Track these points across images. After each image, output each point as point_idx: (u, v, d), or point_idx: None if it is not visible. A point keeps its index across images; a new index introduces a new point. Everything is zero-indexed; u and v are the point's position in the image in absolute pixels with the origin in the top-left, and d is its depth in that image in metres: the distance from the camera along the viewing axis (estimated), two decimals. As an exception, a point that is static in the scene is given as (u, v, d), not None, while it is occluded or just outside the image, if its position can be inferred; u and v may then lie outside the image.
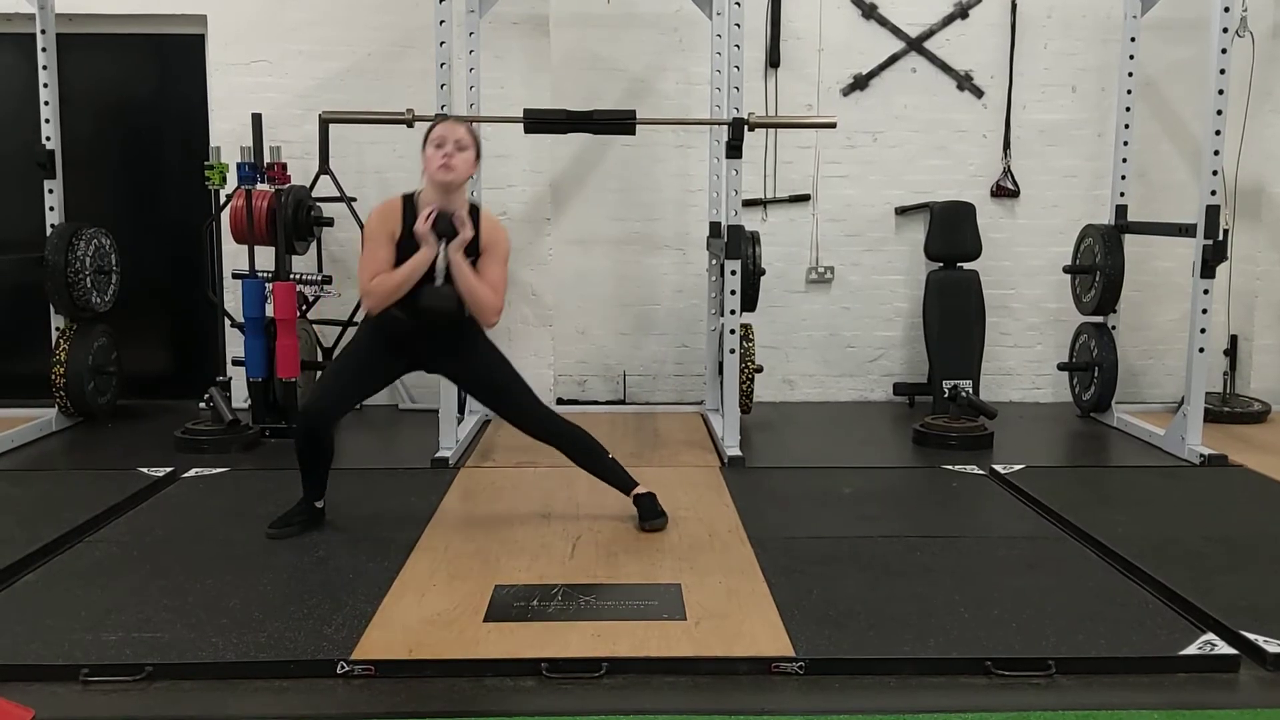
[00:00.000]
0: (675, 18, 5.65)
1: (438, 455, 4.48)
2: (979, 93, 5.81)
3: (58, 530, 3.43)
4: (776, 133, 5.78)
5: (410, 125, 4.53)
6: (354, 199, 5.31)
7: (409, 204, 3.39)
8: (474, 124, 3.38)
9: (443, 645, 2.65)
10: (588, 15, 5.66)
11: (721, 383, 4.81)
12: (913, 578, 3.14)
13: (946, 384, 5.44)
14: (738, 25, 4.49)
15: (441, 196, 3.33)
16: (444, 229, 3.27)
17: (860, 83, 5.79)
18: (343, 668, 2.53)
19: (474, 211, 3.41)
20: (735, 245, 4.59)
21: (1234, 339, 5.92)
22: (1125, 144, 5.34)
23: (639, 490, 3.66)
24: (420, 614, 2.83)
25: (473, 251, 3.37)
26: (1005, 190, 5.87)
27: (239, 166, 4.93)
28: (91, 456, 4.74)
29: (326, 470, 3.59)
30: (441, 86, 4.43)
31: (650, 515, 3.60)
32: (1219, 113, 4.48)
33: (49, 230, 5.04)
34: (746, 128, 4.47)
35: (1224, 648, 2.63)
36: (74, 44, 5.40)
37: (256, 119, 5.04)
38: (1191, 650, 2.62)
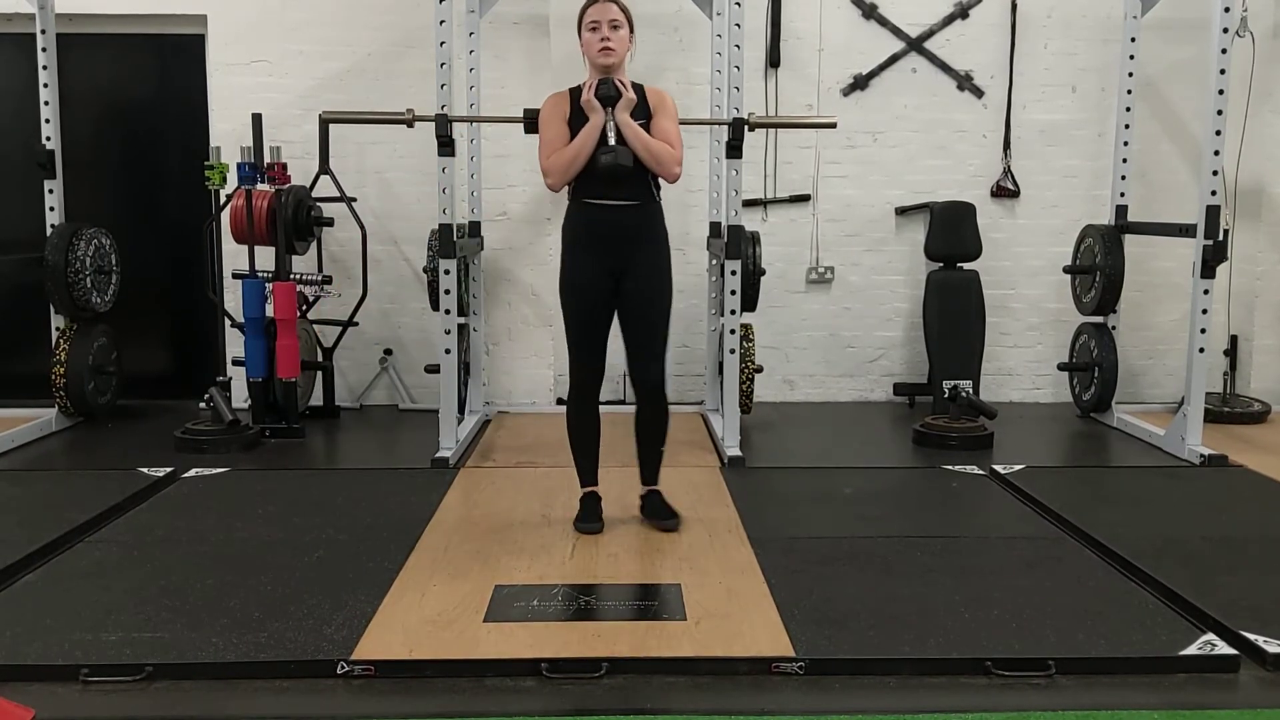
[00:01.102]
0: (675, 18, 5.65)
1: (438, 455, 4.48)
2: (979, 93, 5.81)
3: (58, 530, 3.43)
4: (777, 133, 5.78)
5: (410, 125, 4.53)
6: (354, 199, 5.31)
7: (575, 91, 3.50)
8: (621, 2, 3.52)
9: (443, 645, 2.65)
10: (588, 15, 5.65)
11: (721, 383, 4.81)
12: (913, 578, 3.14)
13: (947, 384, 5.44)
14: (738, 25, 4.50)
15: (604, 74, 3.44)
16: (607, 93, 3.39)
17: (860, 83, 5.79)
18: (343, 668, 2.53)
19: (637, 84, 3.51)
20: (735, 245, 4.59)
21: (1234, 339, 5.92)
22: (1125, 144, 5.34)
23: (654, 488, 3.70)
24: (420, 614, 2.83)
25: (644, 116, 3.46)
26: (1005, 190, 5.87)
27: (239, 166, 4.94)
28: (91, 456, 4.74)
29: (598, 446, 3.66)
30: (442, 86, 4.43)
31: (660, 515, 3.62)
32: (1219, 113, 4.48)
33: (49, 230, 5.04)
34: (747, 128, 4.47)
35: (1224, 648, 2.63)
36: (74, 44, 5.41)
37: (257, 119, 5.04)
38: (1191, 650, 2.62)
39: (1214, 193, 4.49)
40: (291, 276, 5.01)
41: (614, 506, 3.70)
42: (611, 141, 3.38)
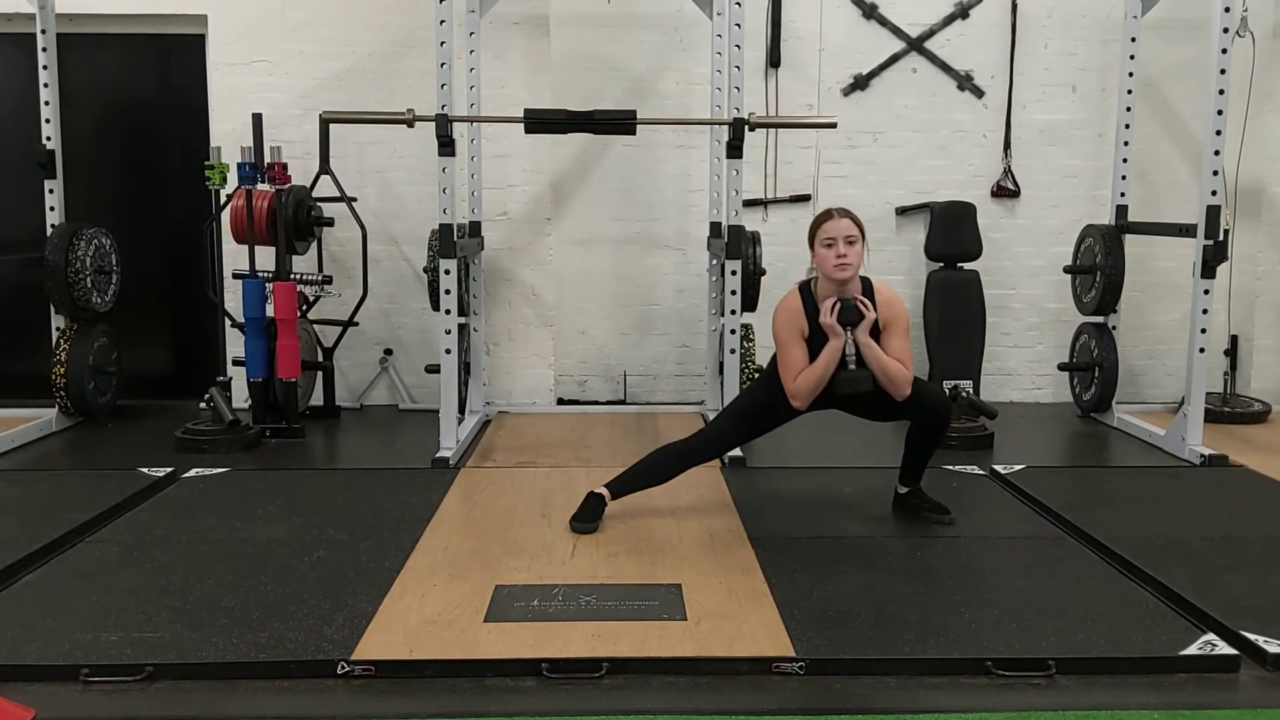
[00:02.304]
0: (675, 18, 5.65)
1: (438, 455, 4.48)
2: (979, 93, 5.81)
3: (58, 530, 3.43)
4: (777, 133, 5.78)
5: (411, 125, 4.53)
6: (354, 199, 5.31)
7: (807, 297, 3.56)
8: (853, 213, 3.53)
9: (443, 645, 2.65)
10: (588, 15, 5.65)
11: (722, 383, 4.81)
12: (913, 578, 3.14)
13: (947, 384, 5.43)
14: (738, 25, 4.50)
15: (838, 287, 3.48)
16: (849, 318, 3.43)
17: (861, 83, 5.79)
18: (343, 668, 2.52)
19: (868, 289, 3.54)
20: (736, 245, 4.59)
21: (1234, 339, 5.92)
22: (1126, 144, 5.34)
23: (917, 486, 3.78)
24: (420, 614, 2.83)
25: (874, 330, 3.49)
26: (1006, 190, 5.87)
27: (239, 166, 4.94)
28: (92, 456, 4.74)
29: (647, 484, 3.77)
30: (442, 86, 4.43)
31: (936, 509, 3.70)
32: (1219, 113, 4.48)
33: (49, 230, 5.04)
34: (747, 128, 4.47)
35: (1224, 648, 2.63)
36: (74, 44, 5.41)
37: (257, 119, 5.04)
38: (1192, 650, 2.62)
39: (1214, 193, 4.49)
40: (292, 276, 5.01)
41: (614, 506, 3.69)
42: (851, 366, 3.45)
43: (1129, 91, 5.30)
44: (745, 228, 4.85)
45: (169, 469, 4.25)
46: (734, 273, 4.61)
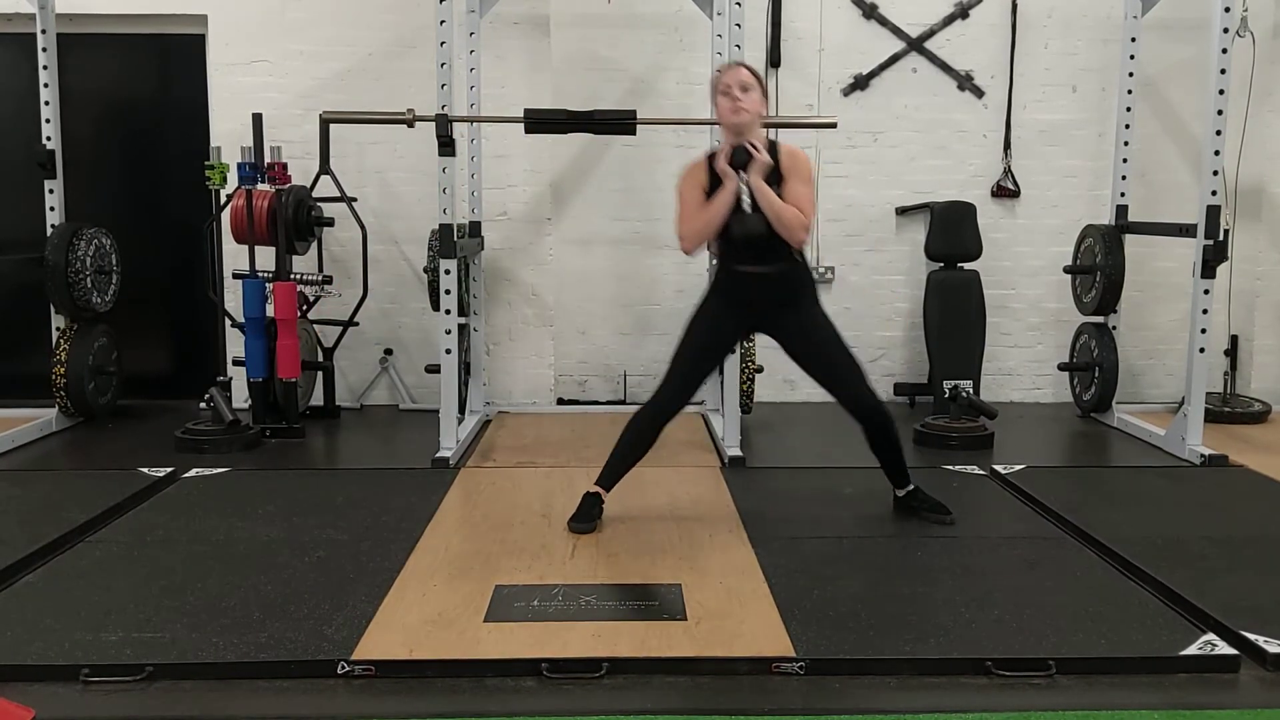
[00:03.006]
0: (675, 18, 5.65)
1: (438, 455, 4.48)
2: (979, 93, 5.81)
3: (58, 530, 3.43)
4: (777, 133, 5.76)
5: (411, 125, 4.53)
6: (354, 199, 5.31)
7: (711, 158, 3.57)
8: (751, 66, 3.58)
9: (443, 645, 2.65)
10: (588, 15, 5.66)
11: (722, 383, 4.80)
12: (913, 578, 3.14)
13: (947, 384, 5.43)
14: (738, 25, 4.50)
15: (737, 138, 3.47)
16: (741, 159, 3.42)
17: (861, 83, 5.79)
18: (343, 668, 2.52)
19: (772, 145, 3.52)
20: (735, 245, 4.58)
21: (1234, 339, 5.92)
22: (1126, 144, 5.34)
23: (910, 488, 3.75)
24: (420, 614, 2.83)
25: (777, 180, 3.47)
26: (1006, 190, 5.87)
27: (240, 166, 4.94)
28: (92, 456, 4.74)
29: (635, 462, 3.70)
30: (442, 86, 4.43)
31: (935, 509, 3.68)
32: (1219, 113, 4.48)
33: (49, 230, 5.04)
34: (747, 128, 4.46)
35: (1224, 648, 2.63)
36: (74, 44, 5.41)
37: (257, 119, 5.04)
38: (1192, 650, 2.62)
39: (1214, 192, 4.49)
40: (292, 276, 5.01)
41: (614, 506, 3.69)
42: (746, 207, 3.43)
43: (1129, 91, 5.30)
44: (745, 228, 4.84)
45: (169, 469, 4.25)
46: (734, 273, 4.60)
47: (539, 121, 4.58)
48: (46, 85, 5.01)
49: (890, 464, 3.76)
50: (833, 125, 4.78)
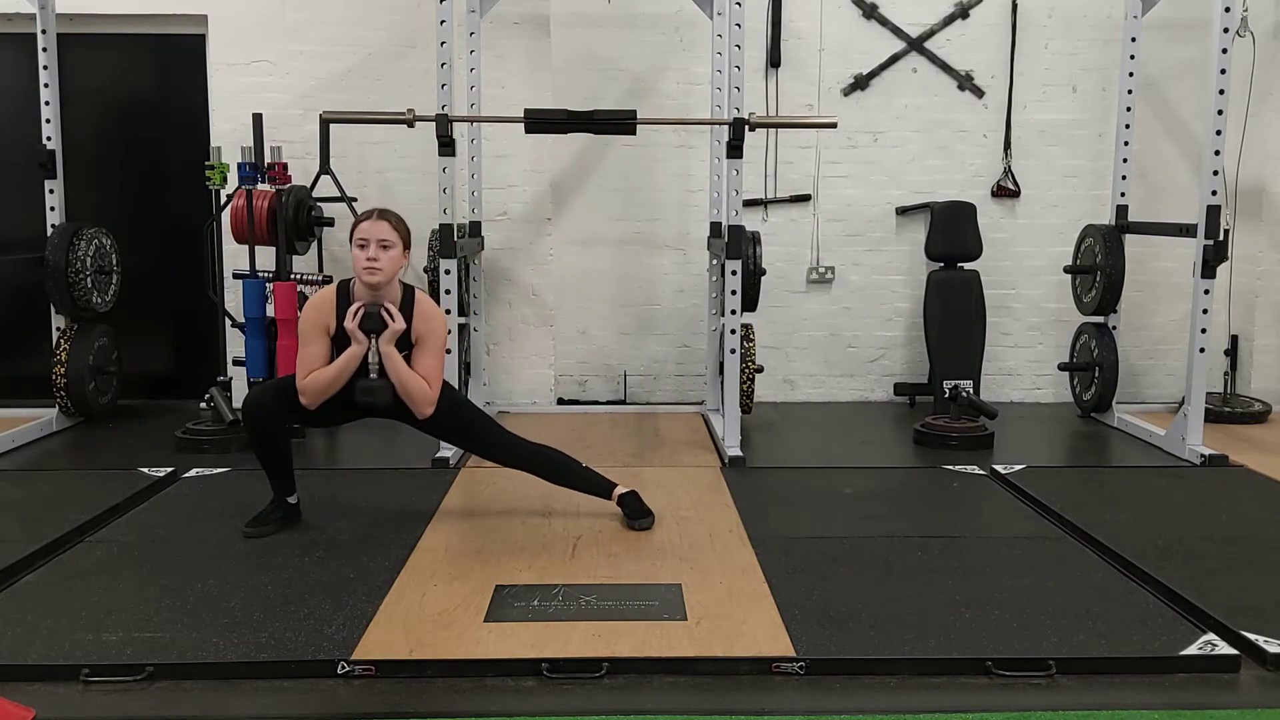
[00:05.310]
0: (676, 18, 5.65)
1: (438, 455, 4.48)
2: (980, 93, 5.81)
3: (58, 530, 3.43)
4: (777, 133, 5.78)
5: (411, 125, 4.52)
6: (355, 199, 5.31)
7: (343, 294, 3.43)
8: (397, 216, 3.47)
9: (443, 645, 2.65)
10: (588, 15, 5.66)
11: (722, 383, 4.80)
12: (913, 578, 3.14)
13: (947, 384, 5.43)
14: (738, 25, 4.50)
15: (372, 291, 3.37)
16: (372, 325, 3.33)
17: (861, 83, 5.79)
18: (343, 668, 2.53)
19: (408, 299, 3.43)
20: (736, 245, 4.59)
21: (1234, 339, 5.92)
22: (1126, 144, 5.34)
23: (620, 491, 3.68)
24: (420, 614, 2.83)
25: (408, 342, 3.41)
26: (1006, 190, 5.87)
27: (240, 166, 4.93)
28: (92, 456, 4.74)
29: (287, 466, 3.56)
30: (442, 86, 4.43)
31: (637, 514, 3.62)
32: (1220, 113, 4.48)
33: (50, 230, 5.04)
34: (747, 128, 4.46)
35: (1224, 648, 2.63)
36: (74, 44, 5.41)
37: (257, 119, 5.04)
38: (1192, 650, 2.62)
39: (1214, 192, 4.49)
40: (292, 276, 5.01)
41: (614, 507, 3.69)
42: (372, 375, 3.36)
43: (1129, 91, 5.30)
44: (745, 228, 4.85)
45: (169, 469, 4.25)
46: (734, 273, 4.60)
47: (539, 121, 4.58)
48: (47, 85, 5.01)
49: (583, 487, 3.70)
50: (833, 125, 4.78)
